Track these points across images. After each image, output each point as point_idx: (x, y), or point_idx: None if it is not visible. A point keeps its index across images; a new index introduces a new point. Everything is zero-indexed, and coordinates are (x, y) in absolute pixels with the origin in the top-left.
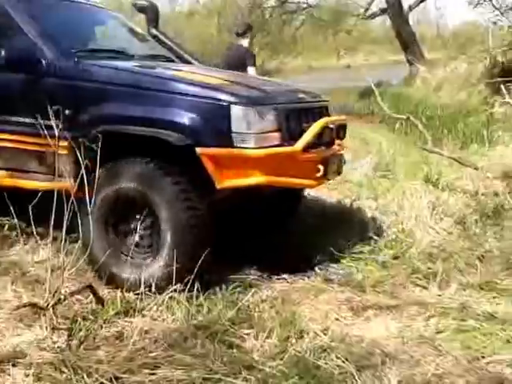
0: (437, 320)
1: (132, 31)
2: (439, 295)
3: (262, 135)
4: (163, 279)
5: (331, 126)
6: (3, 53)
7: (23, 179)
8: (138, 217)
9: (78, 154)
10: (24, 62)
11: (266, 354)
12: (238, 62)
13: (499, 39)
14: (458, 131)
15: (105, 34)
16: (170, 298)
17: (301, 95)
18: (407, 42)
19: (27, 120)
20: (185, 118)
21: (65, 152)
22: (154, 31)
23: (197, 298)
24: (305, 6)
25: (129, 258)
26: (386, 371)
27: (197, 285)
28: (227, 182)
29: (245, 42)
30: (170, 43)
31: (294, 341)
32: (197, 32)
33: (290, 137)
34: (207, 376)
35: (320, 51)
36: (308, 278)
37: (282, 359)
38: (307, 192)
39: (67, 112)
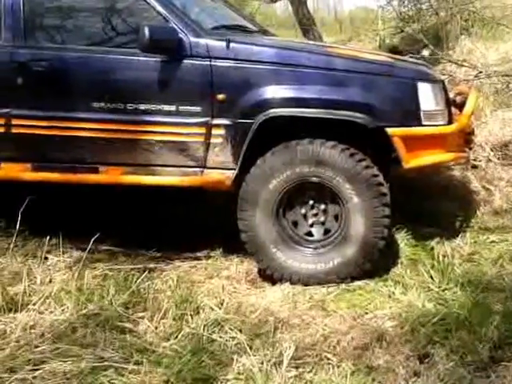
0: None
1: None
2: None
3: (443, 112)
4: (353, 269)
5: None
6: (145, 35)
7: (152, 175)
8: (311, 203)
9: (245, 142)
10: (164, 43)
11: (161, 335)
12: None
13: (388, 23)
14: None
15: (206, 8)
16: (60, 289)
17: None
18: (306, 26)
19: (165, 107)
20: (372, 98)
21: (219, 141)
22: None
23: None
24: None
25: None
26: (277, 337)
27: (87, 273)
28: (414, 161)
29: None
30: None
31: (189, 318)
32: None
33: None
34: (97, 365)
35: None
36: (210, 257)
37: (176, 338)
38: None
39: (221, 96)
